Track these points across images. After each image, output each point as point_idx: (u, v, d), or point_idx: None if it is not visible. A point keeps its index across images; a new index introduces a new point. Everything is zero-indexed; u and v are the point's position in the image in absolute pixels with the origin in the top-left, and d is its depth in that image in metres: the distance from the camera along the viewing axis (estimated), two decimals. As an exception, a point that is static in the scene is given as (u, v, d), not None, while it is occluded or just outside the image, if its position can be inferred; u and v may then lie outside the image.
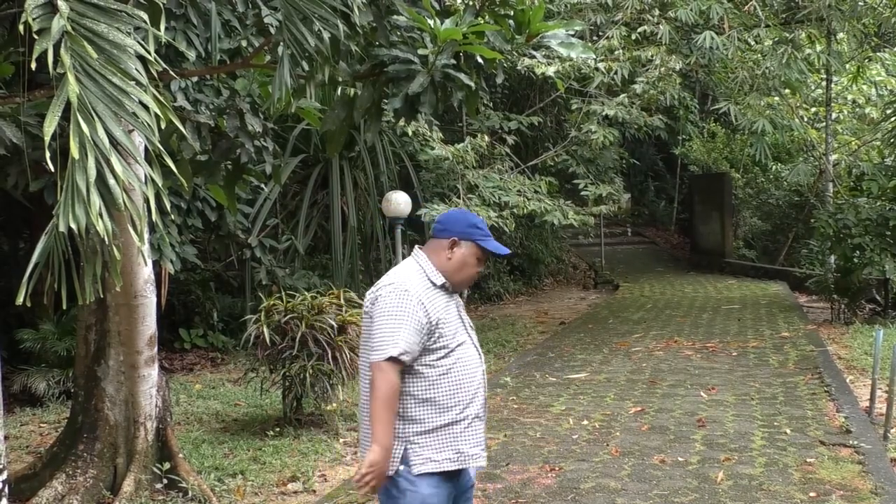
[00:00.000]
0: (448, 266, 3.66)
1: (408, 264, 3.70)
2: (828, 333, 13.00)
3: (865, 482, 6.13)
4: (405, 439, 3.51)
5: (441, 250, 3.67)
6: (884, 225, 13.40)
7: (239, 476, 6.78)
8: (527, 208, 12.87)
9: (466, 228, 3.68)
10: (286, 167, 12.43)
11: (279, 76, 4.42)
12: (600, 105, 14.45)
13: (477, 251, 3.69)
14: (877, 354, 7.97)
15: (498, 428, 8.05)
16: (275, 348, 7.86)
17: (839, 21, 15.04)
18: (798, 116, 18.05)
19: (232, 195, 6.51)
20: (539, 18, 4.99)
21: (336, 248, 12.93)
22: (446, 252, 3.66)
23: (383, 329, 3.46)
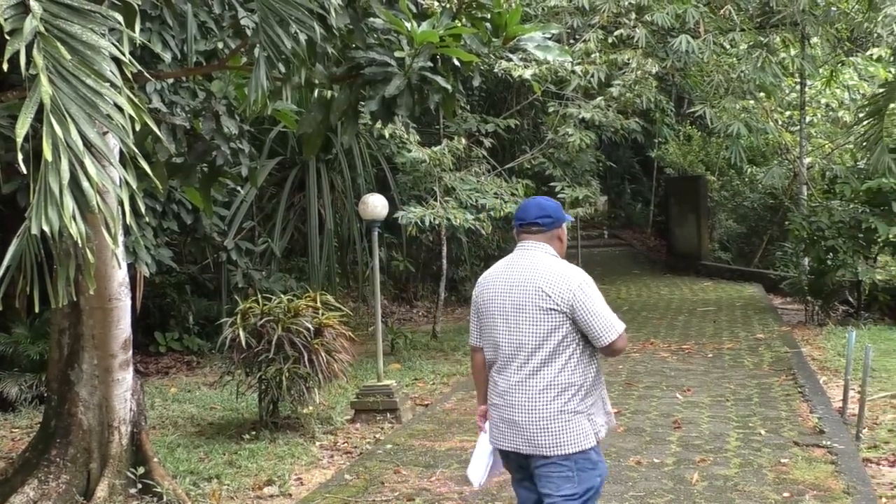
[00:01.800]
0: (563, 249, 4.13)
1: (553, 258, 4.02)
2: (802, 335, 13.10)
3: (838, 482, 6.18)
4: (587, 414, 3.89)
5: (553, 239, 4.06)
6: (856, 227, 13.51)
7: (214, 480, 6.74)
8: (503, 211, 12.88)
9: (562, 212, 4.12)
10: (262, 169, 12.38)
11: (255, 78, 4.41)
12: (577, 108, 14.49)
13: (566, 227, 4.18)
14: (849, 356, 8.03)
15: (474, 430, 8.00)
16: (251, 351, 7.83)
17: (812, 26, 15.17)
18: (772, 120, 18.17)
19: (208, 198, 6.48)
20: (516, 21, 5.00)
21: (313, 250, 12.89)
22: (557, 238, 4.09)
23: (604, 312, 3.88)
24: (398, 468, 6.92)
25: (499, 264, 4.18)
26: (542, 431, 3.82)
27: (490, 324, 4.03)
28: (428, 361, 11.84)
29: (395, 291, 17.27)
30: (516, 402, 3.88)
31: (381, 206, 8.86)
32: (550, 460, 3.84)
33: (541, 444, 3.84)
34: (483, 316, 4.10)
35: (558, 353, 3.85)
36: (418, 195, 14.20)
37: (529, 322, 3.87)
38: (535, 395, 3.84)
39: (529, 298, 3.88)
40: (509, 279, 3.99)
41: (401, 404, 8.67)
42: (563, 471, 3.84)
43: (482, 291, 4.12)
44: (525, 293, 3.90)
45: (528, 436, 3.86)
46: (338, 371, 8.14)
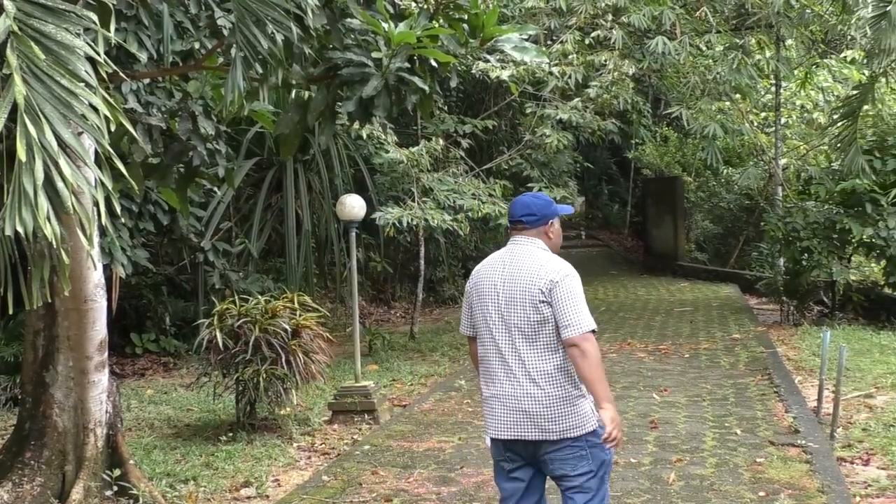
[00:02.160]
0: (554, 244, 4.24)
1: (544, 252, 4.15)
2: (777, 335, 13.20)
3: (813, 481, 6.23)
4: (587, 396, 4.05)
5: (541, 234, 4.19)
6: (831, 228, 13.63)
7: (191, 482, 6.71)
8: (481, 211, 12.89)
9: (550, 209, 4.22)
10: (239, 170, 12.33)
11: (232, 78, 4.39)
12: (554, 109, 14.52)
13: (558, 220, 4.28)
14: (824, 355, 8.10)
15: (452, 431, 8.06)
16: (228, 352, 7.80)
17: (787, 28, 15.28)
18: (748, 121, 18.29)
19: (184, 198, 6.45)
20: (493, 22, 5.01)
21: (290, 251, 12.85)
22: (545, 234, 4.20)
23: (577, 307, 3.96)
24: (376, 469, 6.92)
25: (492, 258, 4.31)
26: (553, 417, 3.98)
27: (484, 316, 4.15)
28: (406, 362, 11.84)
29: (373, 292, 17.25)
30: (523, 392, 4.01)
31: (358, 206, 8.85)
32: (563, 444, 4.01)
33: (552, 429, 3.99)
34: (476, 308, 4.22)
35: (554, 342, 4.01)
36: (396, 196, 14.20)
37: (524, 314, 4.01)
38: (541, 383, 3.99)
39: (522, 292, 4.03)
40: (502, 273, 4.13)
41: (378, 405, 8.67)
42: (576, 451, 4.02)
43: (475, 284, 4.26)
44: (518, 287, 4.05)
45: (538, 423, 3.99)
46: (315, 372, 8.12)
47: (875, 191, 13.34)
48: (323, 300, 14.04)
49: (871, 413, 8.29)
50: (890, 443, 7.19)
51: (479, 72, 13.11)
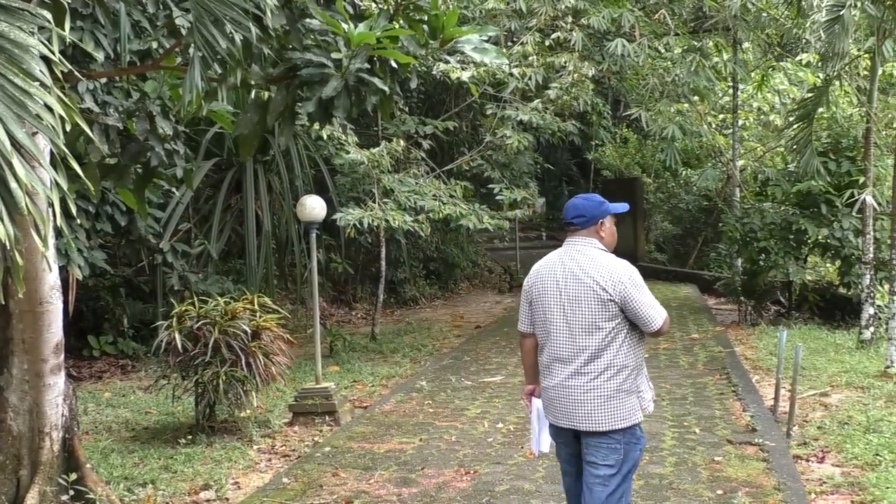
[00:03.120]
0: (608, 242, 4.53)
1: (602, 252, 4.45)
2: (735, 335, 13.34)
3: (769, 479, 6.32)
4: (637, 392, 4.37)
5: (594, 233, 4.48)
6: (787, 229, 13.81)
7: (149, 485, 6.65)
8: (442, 212, 12.91)
9: (600, 209, 4.50)
10: (199, 171, 12.24)
11: (190, 78, 4.36)
12: (515, 110, 14.57)
13: (614, 218, 4.57)
14: (780, 355, 8.20)
15: (413, 432, 8.05)
16: (187, 355, 7.74)
17: (744, 31, 15.48)
18: (706, 123, 18.49)
19: (142, 199, 6.39)
20: (453, 24, 5.02)
21: (250, 252, 12.77)
22: (597, 233, 4.48)
23: (649, 302, 4.31)
24: (336, 471, 6.90)
25: (550, 257, 4.59)
26: (600, 409, 4.27)
27: (545, 314, 4.44)
28: (367, 363, 11.81)
29: (334, 293, 17.19)
30: (577, 385, 4.31)
31: (319, 207, 8.82)
32: (602, 435, 4.30)
33: (597, 420, 4.28)
34: (536, 306, 4.51)
35: (612, 339, 4.29)
36: (357, 197, 14.16)
37: (586, 312, 4.30)
38: (595, 377, 4.28)
39: (586, 290, 4.31)
40: (563, 272, 4.41)
41: (339, 407, 8.64)
42: (611, 443, 4.31)
43: (535, 283, 4.54)
44: (581, 285, 4.33)
45: (586, 413, 4.30)
46: (275, 374, 8.09)
47: (830, 192, 13.54)
48: (283, 301, 13.97)
49: (826, 411, 8.41)
50: (844, 440, 7.29)
51: (440, 73, 13.12)
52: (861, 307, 11.82)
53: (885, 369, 9.87)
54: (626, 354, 4.32)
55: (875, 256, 11.94)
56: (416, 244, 18.24)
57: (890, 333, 10.15)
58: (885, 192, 12.57)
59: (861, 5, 10.65)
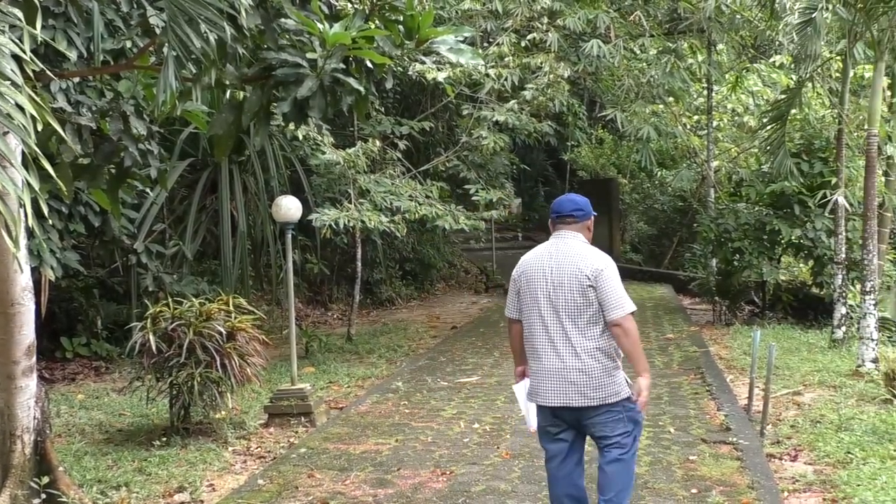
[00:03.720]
0: (590, 238, 4.93)
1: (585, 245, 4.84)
2: (710, 334, 13.43)
3: (743, 477, 6.36)
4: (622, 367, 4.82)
5: (584, 229, 4.90)
6: (761, 229, 13.91)
7: (123, 488, 6.59)
8: (418, 213, 12.90)
9: (590, 207, 4.95)
10: (173, 171, 12.16)
11: (164, 78, 4.33)
12: (491, 111, 14.58)
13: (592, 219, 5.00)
14: (754, 354, 8.26)
15: (389, 433, 8.05)
16: (161, 356, 7.69)
17: (718, 33, 15.59)
18: (681, 124, 18.58)
19: (116, 200, 6.33)
20: (428, 24, 5.02)
21: (225, 253, 12.71)
22: (587, 228, 4.92)
23: (618, 292, 4.65)
24: (312, 472, 6.88)
25: (538, 250, 4.92)
26: (594, 386, 4.67)
27: (533, 301, 4.79)
28: (343, 364, 11.79)
29: (310, 294, 17.15)
30: (569, 366, 4.68)
31: (294, 208, 8.79)
32: (603, 409, 4.70)
33: (594, 397, 4.68)
34: (525, 294, 4.85)
35: (595, 323, 4.68)
36: (333, 197, 14.13)
37: (571, 297, 4.67)
38: (584, 357, 4.67)
39: (570, 278, 4.68)
40: (551, 262, 4.78)
41: (315, 408, 8.62)
42: (614, 415, 4.73)
43: (523, 273, 4.89)
44: (566, 274, 4.70)
45: (582, 391, 4.68)
46: (251, 375, 8.05)
47: (803, 193, 13.66)
48: (259, 302, 13.91)
49: (799, 410, 8.48)
50: (817, 439, 7.36)
51: (416, 73, 13.12)
52: (833, 307, 11.93)
53: (856, 368, 9.97)
54: (608, 338, 4.71)
55: (847, 257, 12.06)
56: (392, 245, 18.21)
57: (861, 333, 10.25)
58: (856, 193, 12.70)
59: (833, 8, 10.76)
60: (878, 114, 10.64)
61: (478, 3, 14.42)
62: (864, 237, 10.54)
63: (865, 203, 10.50)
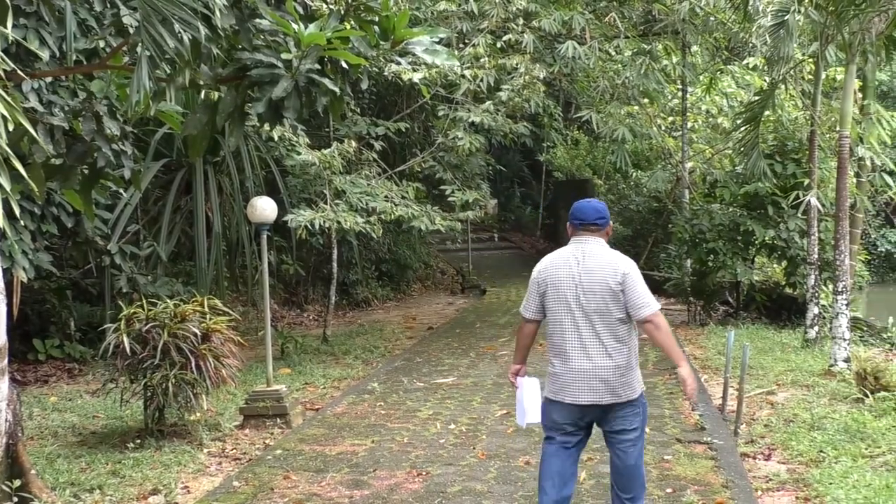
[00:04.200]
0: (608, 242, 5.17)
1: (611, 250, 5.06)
2: (685, 335, 13.50)
3: (717, 477, 6.40)
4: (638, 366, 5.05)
5: (604, 235, 5.12)
6: (735, 230, 14.01)
7: (96, 491, 6.54)
8: (394, 214, 12.89)
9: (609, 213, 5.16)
10: (147, 172, 12.08)
11: (137, 78, 4.31)
12: (466, 112, 14.58)
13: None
14: (728, 354, 8.32)
15: (365, 434, 8.03)
16: (135, 358, 7.64)
17: (693, 35, 15.69)
18: (656, 125, 18.68)
19: (89, 200, 6.29)
20: (403, 25, 5.02)
21: (200, 254, 12.64)
22: (608, 234, 5.14)
23: (644, 292, 4.92)
24: (288, 474, 6.85)
25: (560, 254, 5.11)
26: (625, 384, 4.91)
27: (562, 304, 4.97)
28: (319, 365, 11.76)
29: (286, 295, 17.10)
30: (600, 365, 4.88)
31: (269, 209, 8.76)
32: (627, 405, 4.95)
33: (622, 393, 4.91)
34: (551, 298, 5.03)
35: (623, 322, 4.91)
36: (308, 198, 14.09)
37: (602, 300, 4.88)
38: (613, 356, 4.89)
39: (602, 282, 4.89)
40: (581, 269, 4.96)
41: (291, 409, 8.59)
42: (634, 409, 4.99)
43: (548, 276, 5.06)
44: (597, 278, 4.90)
45: (614, 389, 4.90)
46: (226, 376, 8.01)
47: (776, 194, 13.77)
48: (234, 304, 13.86)
49: (773, 409, 8.55)
50: (790, 438, 7.43)
51: (392, 74, 13.11)
52: (806, 307, 12.03)
53: (829, 368, 10.06)
54: (630, 337, 4.96)
55: (819, 257, 12.17)
56: (368, 246, 18.19)
57: (834, 332, 10.35)
58: (828, 194, 12.81)
59: (804, 11, 10.85)
60: (849, 116, 10.74)
61: (453, 4, 14.43)
62: (836, 238, 10.64)
63: (837, 204, 10.60)
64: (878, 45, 11.28)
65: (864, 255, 17.03)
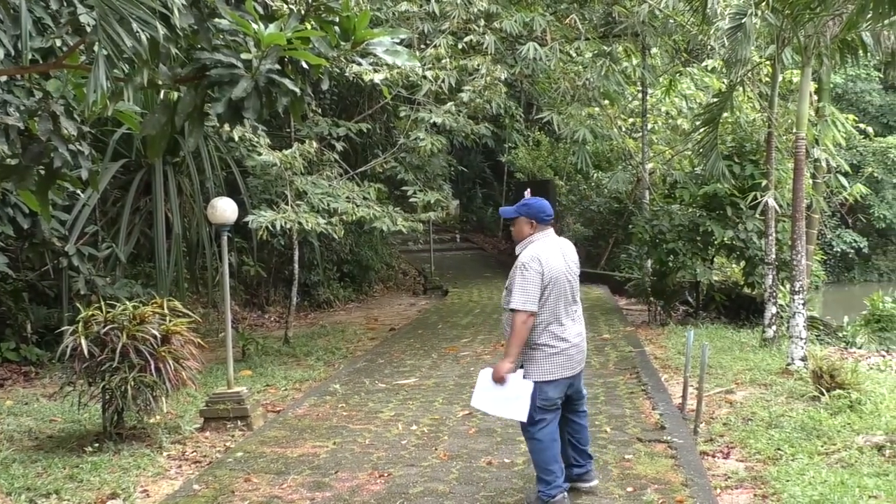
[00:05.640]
0: None
1: None
2: (645, 335, 13.61)
3: (677, 475, 6.46)
4: None
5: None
6: (694, 231, 14.15)
7: (53, 496, 6.47)
8: (356, 215, 12.86)
9: None
10: (105, 172, 11.96)
11: (95, 78, 4.25)
12: (428, 113, 14.60)
13: None
14: (688, 354, 8.40)
15: (327, 436, 8.01)
16: (94, 360, 7.55)
17: (652, 37, 15.85)
18: (616, 126, 18.85)
19: (45, 201, 6.20)
20: (364, 25, 5.00)
21: (160, 255, 12.53)
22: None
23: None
24: (249, 476, 6.81)
25: (550, 246, 5.83)
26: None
27: (562, 291, 5.73)
28: (280, 367, 11.70)
29: (247, 297, 16.99)
30: (584, 338, 5.98)
31: (230, 209, 8.70)
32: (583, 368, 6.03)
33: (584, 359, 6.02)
34: (553, 288, 5.68)
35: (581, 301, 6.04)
36: (269, 199, 14.02)
37: (577, 284, 5.93)
38: (583, 330, 6.01)
39: (577, 269, 5.97)
40: (567, 260, 5.86)
41: (252, 411, 8.54)
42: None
43: (550, 270, 5.69)
44: (574, 266, 5.94)
45: (586, 356, 6.04)
46: (186, 379, 7.95)
47: (735, 195, 13.93)
48: (195, 305, 13.75)
49: (732, 408, 8.65)
50: (748, 436, 7.51)
51: (353, 75, 13.08)
52: (764, 306, 12.18)
53: (786, 366, 10.20)
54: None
55: (777, 257, 12.32)
56: (329, 247, 18.13)
57: (791, 332, 10.49)
58: (786, 195, 12.98)
59: (762, 14, 10.99)
60: (805, 118, 10.89)
61: (415, 4, 14.43)
62: (793, 238, 10.78)
63: (794, 205, 10.75)
64: (832, 48, 11.45)
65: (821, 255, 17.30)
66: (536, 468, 5.84)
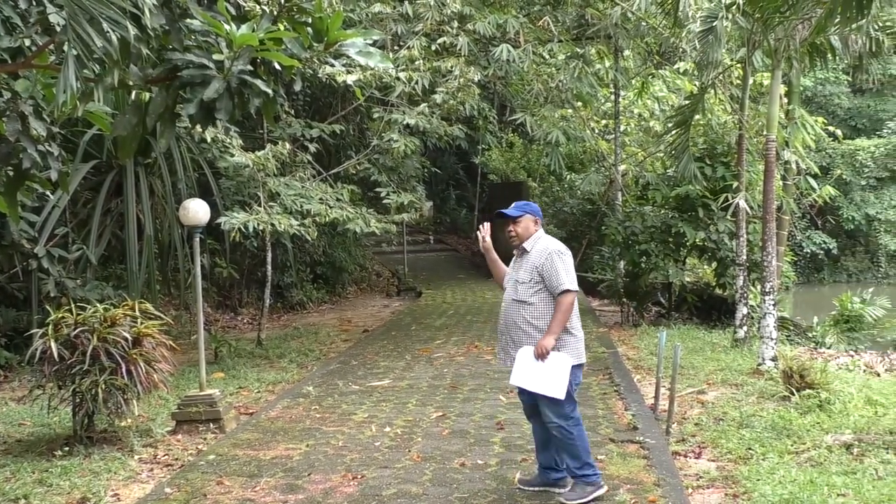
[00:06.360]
0: None
1: None
2: (618, 335, 13.67)
3: (650, 475, 6.50)
4: None
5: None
6: (667, 232, 14.23)
7: (22, 501, 6.40)
8: (329, 216, 12.81)
9: None
10: (76, 173, 11.85)
11: (64, 78, 4.21)
12: (401, 114, 14.58)
13: None
14: (660, 354, 8.45)
15: (300, 438, 7.98)
16: (63, 363, 7.48)
17: (625, 39, 15.93)
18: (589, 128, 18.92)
19: (14, 203, 6.14)
20: (337, 27, 4.99)
21: (131, 257, 12.43)
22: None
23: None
24: (221, 479, 6.78)
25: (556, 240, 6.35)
26: None
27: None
28: (253, 369, 11.65)
29: (219, 298, 16.90)
30: None
31: (202, 211, 8.65)
32: None
33: None
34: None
35: None
36: (242, 200, 13.95)
37: None
38: None
39: None
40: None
41: (224, 413, 8.49)
42: None
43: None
44: None
45: None
46: (158, 381, 7.89)
47: (707, 196, 14.03)
48: (167, 307, 13.66)
49: (703, 408, 8.70)
50: (719, 436, 7.57)
51: (326, 76, 13.04)
52: (735, 307, 12.27)
53: (757, 366, 10.28)
54: None
55: (748, 258, 12.42)
56: (302, 248, 18.08)
57: (762, 332, 10.58)
58: (756, 197, 13.09)
59: (732, 17, 11.08)
60: (775, 120, 10.99)
61: (388, 6, 14.42)
62: (763, 239, 10.87)
63: (765, 206, 10.84)
64: (802, 51, 11.57)
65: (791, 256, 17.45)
66: (575, 454, 6.02)
